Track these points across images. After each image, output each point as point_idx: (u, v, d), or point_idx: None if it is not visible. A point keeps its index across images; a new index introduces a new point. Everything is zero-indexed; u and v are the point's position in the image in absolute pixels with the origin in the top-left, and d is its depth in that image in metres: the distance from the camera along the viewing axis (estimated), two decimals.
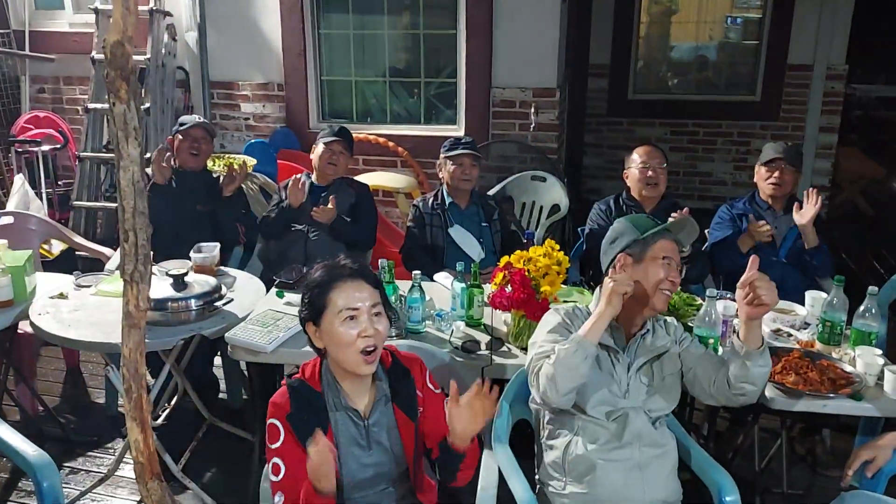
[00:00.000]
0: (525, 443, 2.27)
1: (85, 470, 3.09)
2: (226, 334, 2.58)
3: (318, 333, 1.85)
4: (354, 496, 1.90)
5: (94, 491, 2.94)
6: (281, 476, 1.79)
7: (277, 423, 1.82)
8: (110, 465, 3.05)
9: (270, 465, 1.82)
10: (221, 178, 3.73)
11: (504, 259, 2.64)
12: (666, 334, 2.17)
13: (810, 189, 3.22)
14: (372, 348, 1.81)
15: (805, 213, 3.18)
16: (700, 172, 6.75)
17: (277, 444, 1.81)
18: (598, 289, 2.18)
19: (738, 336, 1.97)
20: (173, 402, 3.09)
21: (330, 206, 3.42)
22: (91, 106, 4.98)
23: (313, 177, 3.60)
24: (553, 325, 2.12)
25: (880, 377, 2.30)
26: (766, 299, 1.88)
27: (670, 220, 3.10)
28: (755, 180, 3.42)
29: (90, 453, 3.19)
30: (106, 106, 4.98)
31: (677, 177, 6.67)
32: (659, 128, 6.71)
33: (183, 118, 3.66)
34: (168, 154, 3.56)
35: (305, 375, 1.91)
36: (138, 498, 2.89)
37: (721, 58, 6.80)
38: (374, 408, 1.91)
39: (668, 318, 2.25)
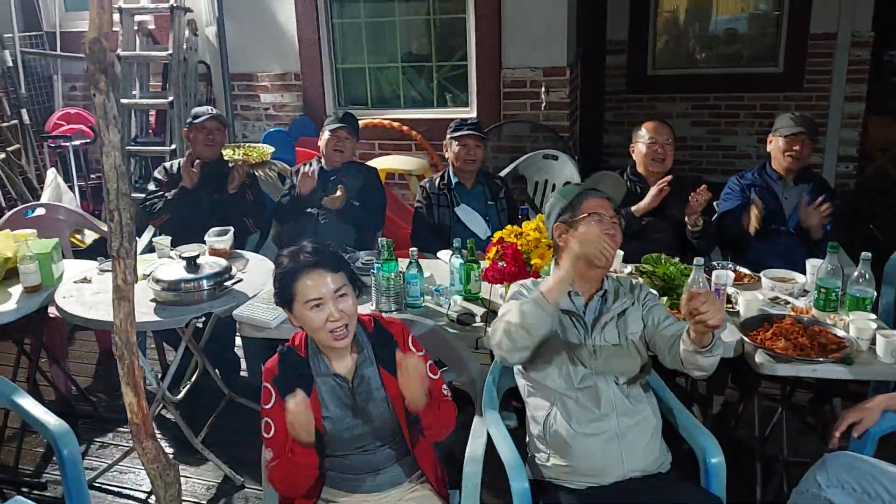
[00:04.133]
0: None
1: (114, 444, 3.28)
2: (234, 312, 2.72)
3: (294, 316, 2.00)
4: (346, 454, 2.04)
5: (120, 463, 3.11)
6: (271, 434, 1.96)
7: (269, 386, 1.99)
8: None
9: (263, 423, 1.98)
10: (237, 165, 3.86)
11: (497, 234, 2.73)
12: (627, 292, 2.22)
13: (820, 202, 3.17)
14: (341, 327, 1.94)
15: (811, 218, 3.18)
16: (723, 146, 6.68)
17: (269, 406, 1.98)
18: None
19: (688, 333, 1.94)
20: (194, 379, 3.25)
21: (339, 193, 3.53)
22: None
23: (322, 162, 3.71)
24: (513, 293, 2.20)
25: (874, 342, 2.31)
26: (710, 321, 1.80)
27: (691, 198, 3.17)
28: (769, 149, 3.41)
29: (119, 429, 3.37)
30: (133, 101, 5.22)
31: (700, 151, 6.64)
32: (680, 103, 6.66)
33: (195, 110, 3.78)
34: (197, 161, 3.66)
35: (295, 343, 2.06)
36: None
37: (742, 30, 6.69)
38: (358, 370, 2.03)
39: (634, 279, 2.31)
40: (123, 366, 1.60)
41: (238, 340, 3.74)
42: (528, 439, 2.23)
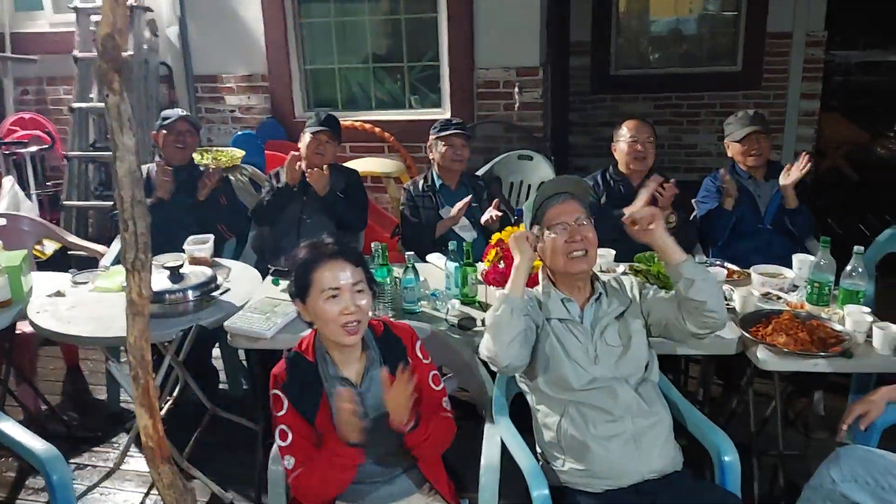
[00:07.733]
0: (525, 415, 2.31)
1: (91, 465, 3.12)
2: (225, 323, 2.60)
3: (305, 309, 1.97)
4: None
5: (101, 485, 2.97)
6: (289, 441, 1.91)
7: (279, 393, 1.94)
8: (116, 459, 3.09)
9: (278, 431, 1.93)
10: (208, 171, 3.73)
11: (496, 236, 2.68)
12: (622, 293, 2.21)
13: (804, 153, 3.28)
14: (354, 323, 1.91)
15: (791, 175, 3.27)
16: (685, 145, 6.80)
17: (281, 413, 1.93)
18: None
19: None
20: (175, 394, 3.12)
21: (325, 171, 3.43)
22: (76, 105, 4.96)
23: (302, 165, 3.61)
24: None
25: (869, 334, 2.34)
26: (645, 215, 2.04)
27: (643, 189, 3.18)
28: (730, 155, 3.48)
29: (95, 449, 3.22)
30: (91, 105, 5.01)
31: (662, 150, 6.71)
32: (643, 102, 6.76)
33: (165, 112, 3.65)
34: (168, 168, 3.50)
35: (302, 348, 2.02)
36: (145, 490, 2.95)
37: (701, 30, 6.83)
38: (366, 375, 2.00)
39: (625, 277, 2.30)
40: (138, 386, 1.50)
41: (216, 352, 3.61)
42: (538, 446, 2.20)
